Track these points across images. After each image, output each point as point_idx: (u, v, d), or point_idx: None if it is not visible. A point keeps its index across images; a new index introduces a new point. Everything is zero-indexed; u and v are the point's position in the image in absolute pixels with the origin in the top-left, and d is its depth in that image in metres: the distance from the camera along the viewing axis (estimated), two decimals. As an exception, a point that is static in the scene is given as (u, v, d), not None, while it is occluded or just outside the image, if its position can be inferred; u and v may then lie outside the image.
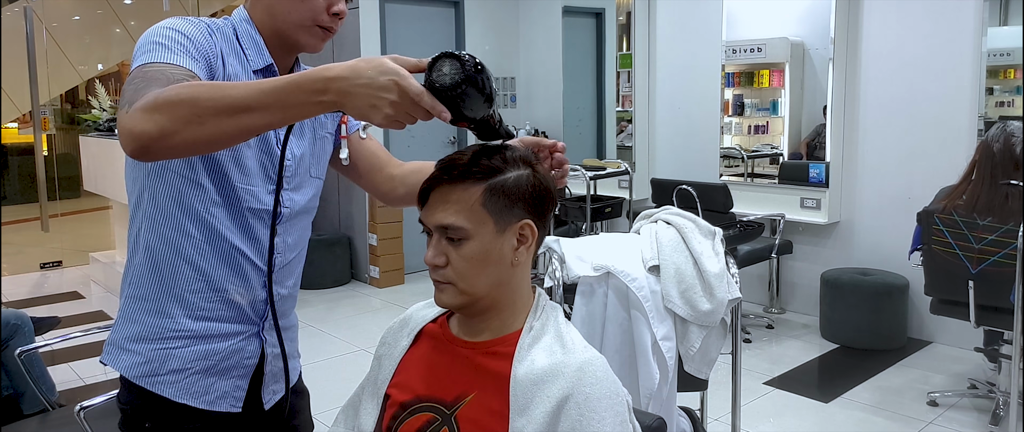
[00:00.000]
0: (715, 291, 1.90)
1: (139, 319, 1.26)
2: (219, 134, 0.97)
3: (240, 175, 1.23)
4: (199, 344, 1.26)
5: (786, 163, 4.87)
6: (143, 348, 1.25)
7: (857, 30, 4.42)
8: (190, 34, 1.16)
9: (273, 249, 1.28)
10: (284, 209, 1.30)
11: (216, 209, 1.23)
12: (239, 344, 1.30)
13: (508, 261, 1.14)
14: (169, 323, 1.25)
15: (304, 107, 0.96)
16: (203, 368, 1.26)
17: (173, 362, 1.25)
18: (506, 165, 1.12)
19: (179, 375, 1.25)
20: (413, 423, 1.17)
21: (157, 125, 0.96)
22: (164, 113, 0.96)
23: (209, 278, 1.25)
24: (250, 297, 1.29)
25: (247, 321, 1.30)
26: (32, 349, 2.79)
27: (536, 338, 1.16)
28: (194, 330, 1.25)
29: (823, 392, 3.57)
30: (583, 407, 1.07)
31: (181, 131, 0.96)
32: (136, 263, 1.26)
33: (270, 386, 1.36)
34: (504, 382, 1.12)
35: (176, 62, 1.10)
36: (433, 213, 1.12)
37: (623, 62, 5.58)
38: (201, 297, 1.25)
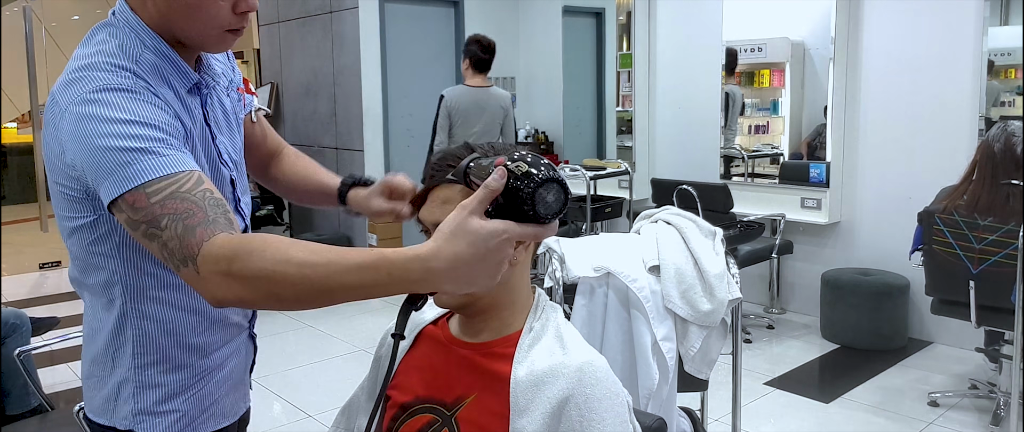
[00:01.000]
0: (715, 291, 1.90)
1: (159, 381, 1.21)
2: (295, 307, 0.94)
3: None
4: (219, 372, 1.26)
5: (786, 163, 4.86)
6: (176, 404, 1.22)
7: (858, 30, 4.41)
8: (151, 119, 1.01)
9: None
10: (246, 218, 1.31)
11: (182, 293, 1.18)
12: (241, 351, 1.32)
13: None
14: (188, 372, 1.22)
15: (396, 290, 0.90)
16: (226, 390, 1.28)
17: (206, 401, 1.25)
18: None
19: (213, 408, 1.26)
20: (413, 424, 1.16)
21: (235, 295, 0.93)
22: (242, 285, 0.92)
23: (207, 316, 1.23)
24: (242, 310, 1.30)
25: (241, 330, 1.32)
26: (29, 350, 2.79)
27: (536, 339, 1.15)
28: (210, 366, 1.25)
29: (824, 392, 3.56)
30: (583, 408, 1.07)
31: (260, 304, 0.95)
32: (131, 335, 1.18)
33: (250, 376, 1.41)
34: (504, 383, 1.11)
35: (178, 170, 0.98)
36: (432, 212, 1.12)
37: (623, 62, 5.58)
38: (206, 335, 1.23)
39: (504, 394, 1.10)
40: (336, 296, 0.90)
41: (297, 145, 6.45)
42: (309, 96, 6.06)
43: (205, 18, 1.07)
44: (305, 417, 3.31)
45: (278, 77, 6.50)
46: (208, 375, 1.25)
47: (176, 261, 0.96)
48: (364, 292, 0.89)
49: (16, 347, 2.71)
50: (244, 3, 1.09)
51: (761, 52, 4.85)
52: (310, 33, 5.88)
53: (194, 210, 0.96)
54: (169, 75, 1.11)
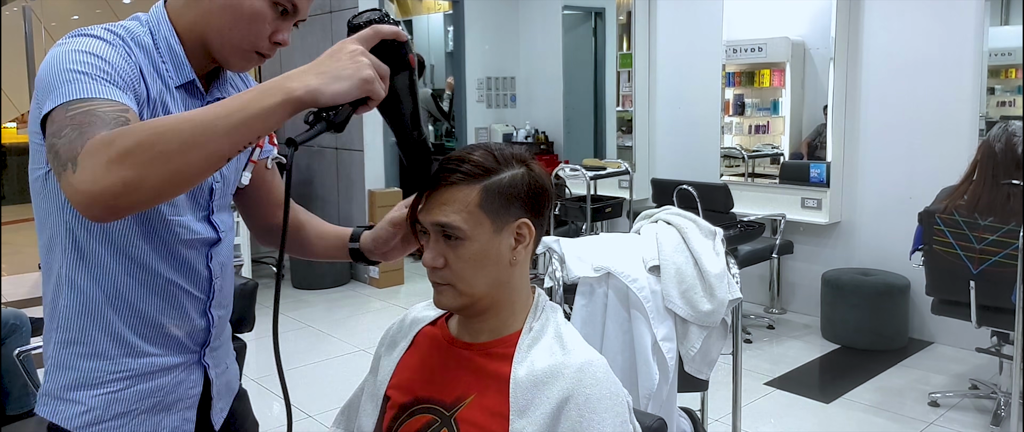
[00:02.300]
0: (716, 291, 1.89)
1: (74, 365, 1.15)
2: (187, 168, 0.89)
3: (170, 208, 1.14)
4: (141, 382, 1.17)
5: (787, 163, 4.86)
6: (83, 396, 1.15)
7: (858, 30, 4.41)
8: (111, 59, 1.03)
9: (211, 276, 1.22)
10: (221, 234, 1.23)
11: (143, 243, 1.13)
12: (181, 375, 1.22)
13: (506, 261, 1.13)
14: (108, 365, 1.15)
15: (271, 112, 0.90)
16: (149, 406, 1.18)
17: (117, 406, 1.16)
18: (501, 165, 1.12)
19: (125, 419, 1.17)
20: (413, 424, 1.16)
21: (119, 177, 0.86)
22: (122, 162, 0.86)
23: (143, 314, 1.16)
24: (188, 327, 1.21)
25: (186, 351, 1.22)
26: (29, 350, 2.79)
27: (536, 339, 1.15)
28: (134, 369, 1.16)
29: (824, 393, 3.56)
30: (583, 408, 1.07)
31: (147, 177, 0.87)
32: (62, 306, 1.14)
33: (218, 406, 1.31)
34: (504, 383, 1.11)
35: (107, 96, 0.98)
36: (430, 213, 1.12)
37: (623, 62, 5.57)
38: (137, 334, 1.16)
39: (504, 394, 1.10)
40: (216, 128, 0.88)
41: (297, 145, 6.51)
42: (309, 96, 6.06)
43: (245, 32, 1.11)
44: (305, 417, 3.31)
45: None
46: (132, 379, 1.16)
47: (60, 165, 0.91)
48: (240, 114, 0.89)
49: (16, 347, 2.70)
50: (279, 34, 1.13)
51: (761, 52, 4.84)
52: (310, 33, 5.88)
53: (96, 122, 0.93)
54: (164, 63, 1.13)
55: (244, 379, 2.25)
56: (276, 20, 1.12)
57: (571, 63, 6.22)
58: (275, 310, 1.00)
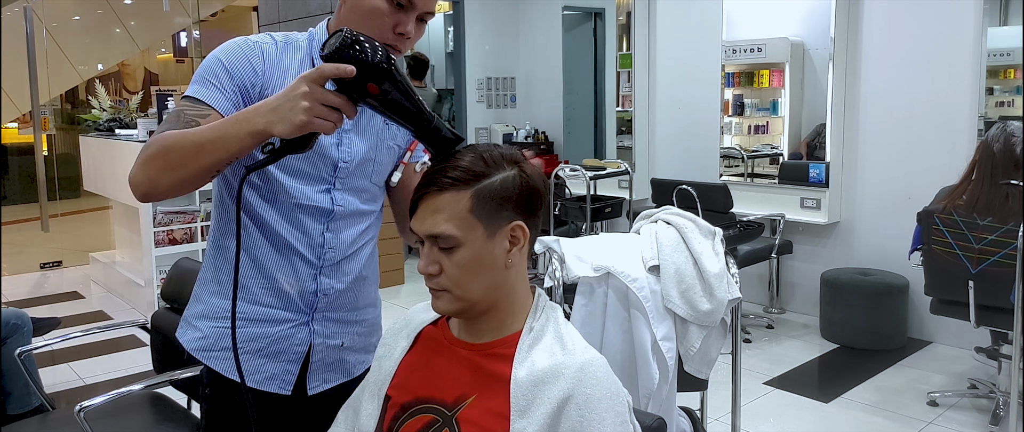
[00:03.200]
0: (715, 291, 1.90)
1: (204, 299, 1.39)
2: (189, 175, 1.14)
3: (286, 175, 1.32)
4: (252, 327, 1.36)
5: (786, 163, 4.87)
6: (204, 325, 1.38)
7: (857, 30, 4.42)
8: (232, 64, 1.28)
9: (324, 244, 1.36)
10: (337, 207, 1.37)
11: (267, 204, 1.33)
12: (289, 331, 1.37)
13: (501, 264, 1.13)
14: (227, 304, 1.35)
15: (242, 140, 1.09)
16: (254, 349, 1.36)
17: (226, 340, 1.35)
18: (490, 168, 1.11)
19: (230, 352, 1.30)
20: (414, 424, 1.17)
21: (146, 177, 1.17)
22: (149, 166, 1.16)
23: (261, 266, 1.35)
24: (299, 287, 1.36)
25: (297, 310, 1.38)
26: (30, 350, 2.79)
27: (536, 339, 1.16)
28: (247, 313, 1.36)
29: (823, 392, 3.57)
30: (584, 408, 1.07)
31: (163, 179, 1.16)
32: (208, 250, 1.41)
33: (319, 374, 1.42)
34: (505, 384, 1.12)
35: (200, 98, 1.25)
36: (422, 223, 1.11)
37: (623, 62, 5.58)
38: (255, 283, 1.35)
39: (504, 394, 1.11)
40: (204, 149, 1.12)
41: (297, 145, 6.51)
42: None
43: (371, 27, 1.26)
44: (305, 417, 3.31)
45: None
46: (244, 321, 1.36)
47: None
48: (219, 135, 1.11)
49: (17, 347, 2.71)
50: (401, 26, 1.28)
51: (761, 52, 4.85)
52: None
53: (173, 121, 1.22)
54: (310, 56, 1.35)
55: (245, 378, 2.25)
56: (394, 13, 1.27)
57: (571, 63, 6.22)
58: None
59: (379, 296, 1.55)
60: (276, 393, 1.39)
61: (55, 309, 4.91)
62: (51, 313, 4.21)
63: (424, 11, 1.30)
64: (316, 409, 1.44)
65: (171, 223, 4.64)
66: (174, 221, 4.65)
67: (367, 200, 1.43)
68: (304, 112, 1.03)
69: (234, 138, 1.09)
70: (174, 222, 4.65)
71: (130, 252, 5.35)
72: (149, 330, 2.46)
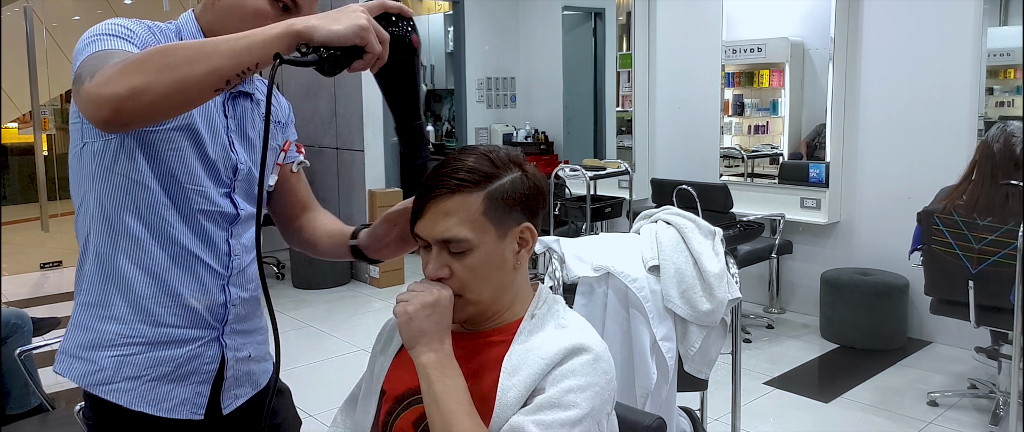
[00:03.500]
0: (715, 291, 1.90)
1: (92, 326, 1.22)
2: (191, 79, 0.96)
3: (188, 176, 1.20)
4: (155, 350, 1.22)
5: (786, 163, 4.86)
6: (97, 356, 1.21)
7: (857, 30, 4.42)
8: (134, 29, 1.17)
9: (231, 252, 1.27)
10: (242, 211, 1.28)
11: (166, 212, 1.20)
12: (198, 349, 1.25)
13: (511, 266, 1.13)
14: (123, 329, 1.21)
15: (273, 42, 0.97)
16: (160, 374, 1.22)
17: (128, 369, 1.21)
18: (499, 169, 1.11)
19: (135, 382, 1.21)
20: (409, 416, 1.16)
21: (127, 84, 0.96)
22: (132, 71, 0.96)
23: (163, 282, 1.21)
24: (207, 301, 1.25)
25: (205, 326, 1.26)
26: (30, 350, 2.79)
27: (537, 326, 1.15)
28: (149, 336, 1.22)
29: (823, 392, 3.57)
30: (567, 370, 1.06)
31: (153, 84, 0.96)
32: (86, 269, 1.23)
33: (231, 391, 1.32)
34: (499, 364, 1.11)
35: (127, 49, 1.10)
36: (433, 227, 1.09)
37: (623, 62, 5.58)
38: (155, 302, 1.21)
39: (497, 374, 1.10)
40: (220, 50, 0.97)
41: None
42: (310, 97, 6.07)
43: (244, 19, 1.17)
44: (306, 417, 3.30)
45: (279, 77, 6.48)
46: (146, 346, 1.21)
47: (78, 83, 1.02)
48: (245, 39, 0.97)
49: (17, 347, 2.71)
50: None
51: (760, 52, 4.85)
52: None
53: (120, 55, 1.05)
54: None
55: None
56: (279, 15, 1.18)
57: (571, 63, 6.22)
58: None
59: None
60: (187, 419, 1.26)
61: (55, 309, 4.90)
62: (51, 313, 4.20)
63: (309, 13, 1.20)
64: (232, 427, 1.34)
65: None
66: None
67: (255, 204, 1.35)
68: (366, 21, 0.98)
69: (263, 38, 0.97)
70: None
71: (130, 252, 5.35)
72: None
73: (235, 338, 1.31)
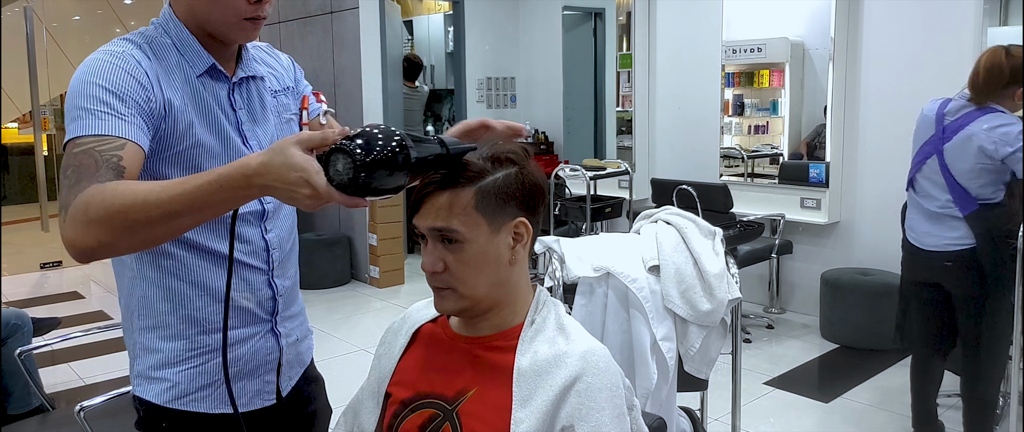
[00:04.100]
0: (715, 291, 1.90)
1: (158, 347, 1.27)
2: (154, 238, 1.02)
3: None
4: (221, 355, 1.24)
5: (786, 163, 4.87)
6: (170, 373, 1.27)
7: (857, 30, 4.42)
8: (118, 87, 1.12)
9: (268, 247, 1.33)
10: (267, 205, 1.32)
11: (200, 228, 1.22)
12: (258, 343, 1.34)
13: (505, 261, 1.14)
14: (187, 344, 1.27)
15: (231, 202, 0.98)
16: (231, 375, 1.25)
17: (201, 378, 1.28)
18: (493, 165, 1.12)
19: (211, 389, 1.29)
20: (415, 420, 1.17)
21: (95, 239, 0.98)
22: (99, 227, 0.97)
23: (212, 290, 1.26)
24: (257, 298, 1.32)
25: (259, 321, 1.34)
26: (30, 350, 2.79)
27: (538, 330, 1.16)
28: (212, 344, 1.28)
29: (823, 392, 3.57)
30: (584, 396, 1.08)
31: (118, 242, 0.99)
32: (138, 296, 1.27)
33: (286, 374, 1.41)
34: (507, 374, 1.12)
35: (106, 133, 1.08)
36: (426, 218, 1.12)
37: (623, 62, 5.58)
38: (210, 311, 1.27)
39: (506, 386, 1.11)
40: (181, 214, 0.97)
41: (297, 145, 6.47)
42: (309, 96, 6.06)
43: (223, 6, 1.18)
44: (305, 417, 3.31)
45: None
46: (211, 353, 1.28)
47: (61, 206, 1.03)
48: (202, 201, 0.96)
49: (17, 347, 2.71)
50: (261, 10, 1.20)
51: (760, 52, 4.85)
52: (311, 33, 5.88)
53: (93, 167, 1.04)
54: (183, 56, 1.23)
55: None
56: (249, 4, 1.19)
57: (571, 63, 6.22)
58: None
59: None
60: (262, 407, 1.36)
61: (55, 309, 4.91)
62: (51, 313, 4.21)
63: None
64: (289, 409, 1.43)
65: (171, 223, 4.64)
66: (174, 221, 4.65)
67: None
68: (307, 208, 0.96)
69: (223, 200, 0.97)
70: (174, 222, 4.65)
71: (130, 252, 5.35)
72: (149, 330, 2.46)
73: (285, 324, 1.39)
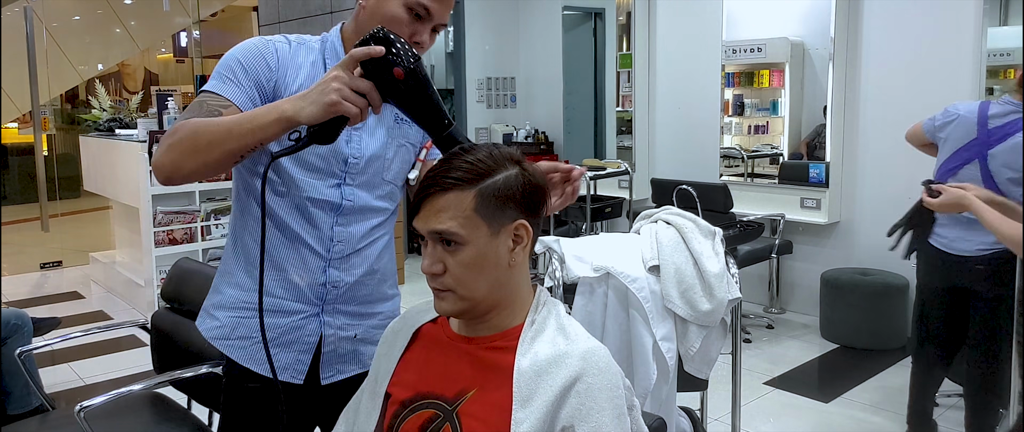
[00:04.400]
0: (715, 291, 1.90)
1: (222, 290, 1.46)
2: (213, 159, 1.18)
3: (300, 169, 1.38)
4: (265, 316, 1.37)
5: (786, 163, 4.87)
6: (221, 315, 1.45)
7: (857, 30, 4.42)
8: (247, 62, 1.34)
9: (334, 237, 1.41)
10: (346, 202, 1.41)
11: (280, 198, 1.39)
12: (300, 322, 1.42)
13: (505, 263, 1.14)
14: (241, 294, 1.43)
15: (268, 126, 1.14)
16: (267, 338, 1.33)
17: (241, 329, 1.43)
18: (494, 167, 1.12)
19: (246, 342, 1.42)
20: (415, 421, 1.17)
21: (169, 159, 1.21)
22: (174, 150, 1.21)
23: (273, 259, 1.40)
24: (308, 279, 1.41)
25: (307, 302, 1.42)
26: (30, 350, 2.79)
27: (538, 331, 1.16)
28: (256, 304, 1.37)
29: (823, 392, 3.57)
30: (584, 397, 1.08)
31: (184, 163, 1.20)
32: (227, 244, 1.48)
33: (333, 365, 1.47)
34: (507, 374, 1.11)
35: (221, 93, 1.31)
36: (426, 220, 1.11)
37: (623, 62, 5.58)
38: (267, 275, 1.40)
39: (507, 386, 1.11)
40: (232, 133, 1.16)
41: (297, 145, 6.49)
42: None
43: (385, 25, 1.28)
44: (305, 417, 3.31)
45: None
46: (253, 311, 1.41)
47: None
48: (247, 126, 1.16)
49: (17, 347, 2.71)
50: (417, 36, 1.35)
51: (760, 52, 4.85)
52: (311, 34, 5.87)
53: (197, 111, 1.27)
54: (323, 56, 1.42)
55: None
56: (412, 23, 1.34)
57: (571, 63, 6.22)
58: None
59: (398, 291, 1.60)
60: (288, 382, 1.43)
61: (55, 309, 4.91)
62: (51, 313, 4.21)
63: (439, 22, 1.37)
64: (331, 398, 1.47)
65: (171, 223, 4.64)
66: (174, 221, 4.65)
67: (381, 197, 1.47)
68: (334, 92, 1.09)
69: (261, 124, 1.14)
70: (174, 222, 4.65)
71: (130, 252, 5.35)
72: (149, 330, 2.46)
73: (338, 317, 1.45)
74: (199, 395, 2.30)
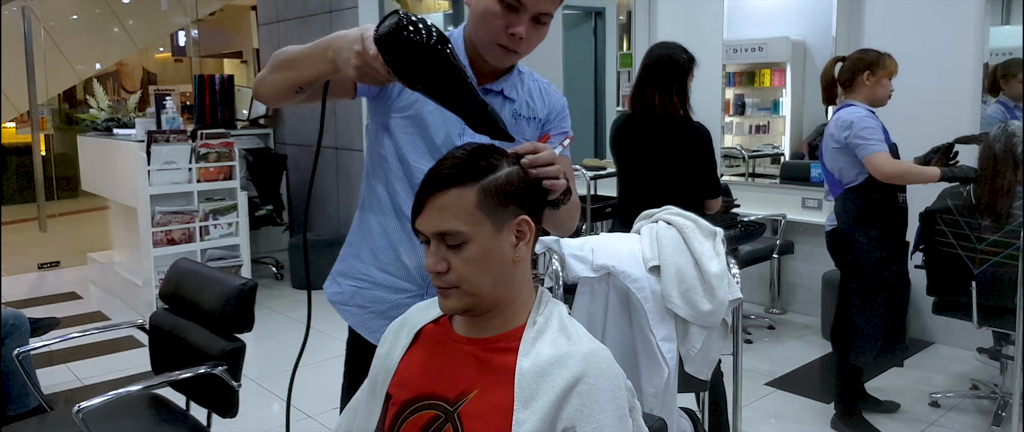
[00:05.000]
0: (716, 291, 1.89)
1: (346, 259, 1.59)
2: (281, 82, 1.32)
3: (414, 156, 1.47)
4: (376, 290, 1.53)
5: (787, 163, 4.86)
6: (343, 282, 1.59)
7: (859, 29, 4.41)
8: None
9: None
10: None
11: (397, 183, 1.49)
12: (406, 300, 1.49)
13: (509, 259, 1.13)
14: (360, 267, 1.56)
15: (320, 62, 1.24)
16: (377, 310, 1.53)
17: (358, 299, 1.56)
18: (496, 163, 1.12)
19: (360, 310, 1.56)
20: (416, 421, 1.16)
21: (261, 76, 1.38)
22: (268, 66, 1.36)
23: (389, 239, 1.51)
24: (416, 262, 1.49)
25: (414, 283, 1.52)
26: (28, 350, 2.78)
27: (540, 331, 1.16)
28: (374, 278, 1.54)
29: (824, 393, 3.55)
30: (586, 397, 1.07)
31: (267, 79, 1.35)
32: (354, 220, 1.60)
33: None
34: (509, 375, 1.11)
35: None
36: (429, 221, 1.11)
37: (623, 62, 5.57)
38: (384, 254, 1.52)
39: (509, 387, 1.10)
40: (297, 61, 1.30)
41: (297, 145, 6.41)
42: (309, 96, 6.06)
43: (484, 29, 1.39)
44: (305, 417, 3.30)
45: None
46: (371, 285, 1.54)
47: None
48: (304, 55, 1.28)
49: (15, 348, 2.70)
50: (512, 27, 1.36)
51: (762, 52, 4.85)
52: (310, 33, 5.87)
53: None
54: None
55: (243, 378, 2.24)
56: (506, 15, 1.36)
57: (571, 63, 6.22)
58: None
59: None
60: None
61: (53, 309, 4.90)
62: (49, 313, 4.20)
63: (537, 12, 1.36)
64: None
65: (169, 223, 4.63)
66: (172, 221, 4.64)
67: None
68: (354, 70, 1.16)
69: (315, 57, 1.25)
70: (172, 222, 4.64)
71: (128, 252, 5.34)
72: (147, 331, 2.45)
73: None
74: (197, 396, 2.29)
